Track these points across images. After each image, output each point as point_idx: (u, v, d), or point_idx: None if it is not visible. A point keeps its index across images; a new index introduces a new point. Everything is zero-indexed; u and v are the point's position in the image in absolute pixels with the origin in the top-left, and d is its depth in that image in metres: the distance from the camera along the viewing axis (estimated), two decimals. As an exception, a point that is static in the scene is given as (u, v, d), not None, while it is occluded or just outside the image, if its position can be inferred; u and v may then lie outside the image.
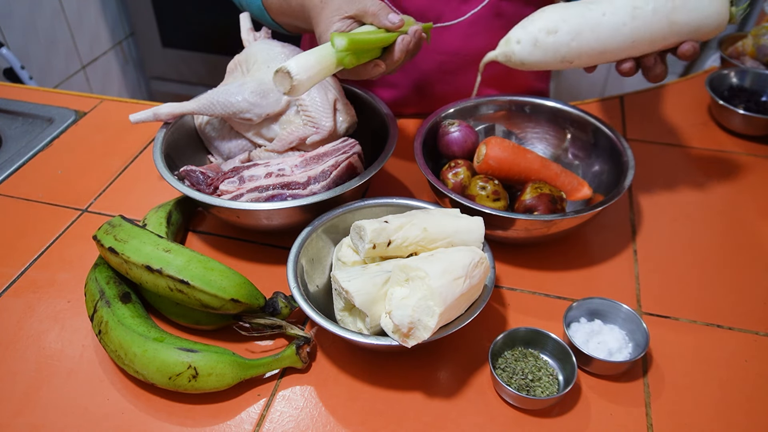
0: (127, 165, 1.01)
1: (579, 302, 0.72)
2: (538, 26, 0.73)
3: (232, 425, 0.65)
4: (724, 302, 0.77)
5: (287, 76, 0.68)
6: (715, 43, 1.36)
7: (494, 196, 0.81)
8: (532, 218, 0.74)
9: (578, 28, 0.71)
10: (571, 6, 0.73)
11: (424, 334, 0.61)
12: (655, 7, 0.69)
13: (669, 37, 0.71)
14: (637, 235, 0.87)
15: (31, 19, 1.93)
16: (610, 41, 0.71)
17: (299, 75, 0.67)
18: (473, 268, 0.63)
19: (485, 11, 0.96)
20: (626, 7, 0.70)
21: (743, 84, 1.12)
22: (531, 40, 0.73)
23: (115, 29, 2.32)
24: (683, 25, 0.70)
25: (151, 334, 0.67)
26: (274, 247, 0.85)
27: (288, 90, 0.68)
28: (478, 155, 0.85)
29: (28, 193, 0.96)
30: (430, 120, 0.90)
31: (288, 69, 0.67)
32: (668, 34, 0.71)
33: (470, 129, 0.89)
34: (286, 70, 0.68)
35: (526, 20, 0.75)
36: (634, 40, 0.71)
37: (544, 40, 0.72)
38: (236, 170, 0.83)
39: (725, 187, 0.96)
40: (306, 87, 0.69)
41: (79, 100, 1.17)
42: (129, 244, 0.70)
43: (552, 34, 0.71)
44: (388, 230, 0.67)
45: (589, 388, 0.68)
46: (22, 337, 0.74)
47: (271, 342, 0.73)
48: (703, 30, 0.71)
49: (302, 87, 0.68)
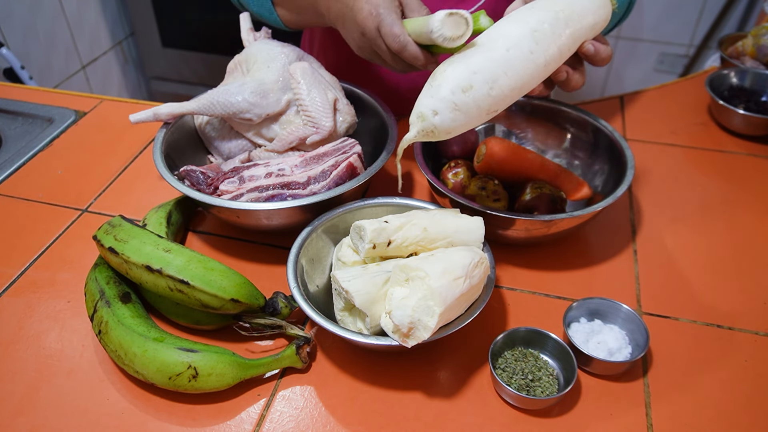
0: (127, 165, 1.02)
1: (579, 302, 0.72)
2: (450, 88, 0.63)
3: (232, 425, 0.65)
4: (724, 302, 0.77)
5: (464, 22, 0.64)
6: (715, 43, 1.36)
7: (494, 197, 0.81)
8: (532, 218, 0.74)
9: (492, 74, 0.63)
10: (469, 56, 0.64)
11: (424, 334, 0.61)
12: (551, 24, 0.66)
13: (572, 45, 0.69)
14: (637, 235, 0.87)
15: (31, 19, 1.93)
16: (526, 73, 0.65)
17: (485, 22, 0.65)
18: (473, 268, 0.63)
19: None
20: (525, 35, 0.65)
21: (743, 84, 1.12)
22: (449, 106, 0.63)
23: (115, 29, 2.32)
24: (579, 29, 0.68)
25: (151, 334, 0.67)
26: (274, 247, 0.85)
27: (460, 35, 0.64)
28: (478, 155, 0.85)
29: (28, 193, 0.96)
30: None
31: (466, 16, 0.64)
32: (571, 43, 0.68)
33: (470, 129, 0.89)
34: (465, 15, 0.63)
35: (430, 89, 0.65)
36: (546, 62, 0.66)
37: (463, 101, 0.63)
38: (236, 170, 0.83)
39: (725, 187, 0.96)
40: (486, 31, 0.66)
41: (79, 100, 1.17)
42: (129, 244, 0.70)
43: (468, 91, 0.63)
44: (388, 230, 0.67)
45: (589, 388, 0.68)
46: (22, 337, 0.74)
47: (271, 342, 0.73)
48: (596, 27, 0.71)
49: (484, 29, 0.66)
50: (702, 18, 2.28)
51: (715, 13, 2.24)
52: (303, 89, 0.84)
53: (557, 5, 0.67)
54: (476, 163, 0.85)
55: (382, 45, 0.73)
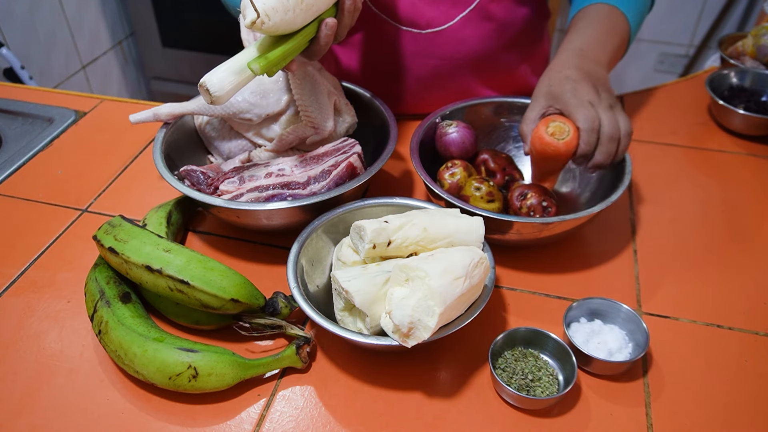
0: (127, 165, 1.02)
1: (579, 302, 0.72)
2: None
3: (232, 425, 0.65)
4: (724, 302, 0.77)
5: (207, 92, 0.69)
6: (715, 43, 1.36)
7: (488, 198, 0.81)
8: (528, 221, 0.74)
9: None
10: None
11: (424, 334, 0.61)
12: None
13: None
14: (637, 235, 0.87)
15: (31, 19, 1.93)
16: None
17: (218, 92, 0.69)
18: (473, 268, 0.63)
19: (475, 15, 0.96)
20: None
21: (743, 84, 1.12)
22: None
23: (115, 29, 2.32)
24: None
25: (151, 334, 0.67)
26: (274, 247, 0.85)
27: (210, 102, 0.70)
28: (561, 132, 0.77)
29: (28, 193, 0.96)
30: (428, 120, 0.90)
31: (207, 87, 0.69)
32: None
33: (468, 129, 0.89)
34: (205, 87, 0.69)
35: None
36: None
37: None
38: (236, 170, 0.83)
39: (725, 187, 0.96)
40: (227, 98, 0.71)
41: (79, 100, 1.17)
42: (129, 244, 0.70)
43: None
44: (388, 230, 0.67)
45: (589, 388, 0.68)
46: (22, 337, 0.74)
47: (271, 342, 0.73)
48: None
49: (223, 99, 0.70)
50: (702, 18, 2.29)
51: (715, 13, 2.24)
52: (303, 89, 0.84)
53: None
54: (557, 140, 0.76)
55: None
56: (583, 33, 0.86)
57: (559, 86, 0.78)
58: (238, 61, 0.71)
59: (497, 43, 1.00)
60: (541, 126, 0.78)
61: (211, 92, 0.69)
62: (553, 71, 0.81)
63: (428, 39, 0.98)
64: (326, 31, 0.74)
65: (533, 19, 1.02)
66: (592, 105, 0.76)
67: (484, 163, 0.89)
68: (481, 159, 0.89)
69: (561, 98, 0.78)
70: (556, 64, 0.82)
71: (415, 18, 0.97)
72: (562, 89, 0.78)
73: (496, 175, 0.88)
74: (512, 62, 1.05)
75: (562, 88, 0.78)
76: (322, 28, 0.74)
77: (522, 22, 1.00)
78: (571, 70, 0.79)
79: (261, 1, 0.67)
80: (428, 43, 0.98)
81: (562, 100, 0.77)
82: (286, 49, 0.71)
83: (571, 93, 0.77)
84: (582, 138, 0.75)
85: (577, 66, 0.80)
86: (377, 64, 1.04)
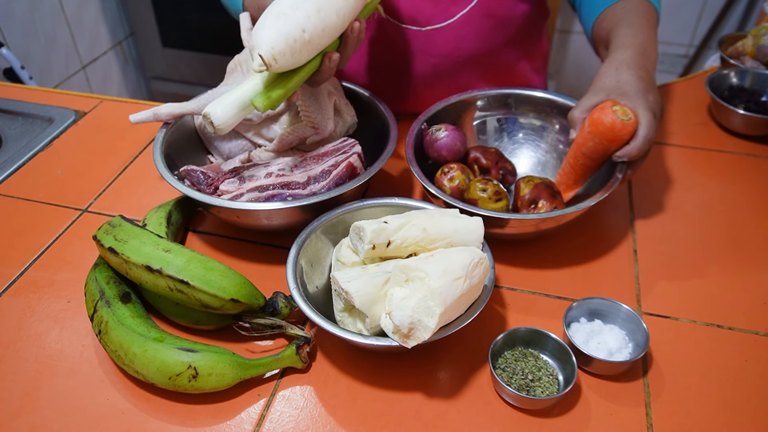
0: (127, 165, 1.02)
1: (579, 302, 0.72)
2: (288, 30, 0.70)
3: (232, 425, 0.65)
4: (724, 302, 0.77)
5: (211, 123, 0.72)
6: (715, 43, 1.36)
7: (496, 197, 0.81)
8: (536, 216, 0.74)
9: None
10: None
11: (424, 334, 0.61)
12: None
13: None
14: (637, 235, 0.87)
15: (31, 19, 1.93)
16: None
17: (221, 125, 0.72)
18: (473, 269, 0.63)
19: (475, 12, 0.96)
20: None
21: (743, 84, 1.12)
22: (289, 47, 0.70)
23: (115, 29, 2.32)
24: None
25: (151, 334, 0.67)
26: (274, 247, 0.85)
27: (213, 131, 0.73)
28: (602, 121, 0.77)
29: (28, 193, 0.96)
30: (415, 128, 0.88)
31: (211, 119, 0.72)
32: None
33: (457, 131, 0.88)
34: (210, 119, 0.72)
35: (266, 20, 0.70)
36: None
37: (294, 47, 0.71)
38: (236, 170, 0.83)
39: (725, 187, 0.96)
40: (229, 129, 0.74)
41: (79, 100, 1.17)
42: (129, 244, 0.70)
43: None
44: (388, 231, 0.67)
45: (589, 388, 0.68)
46: (22, 337, 0.74)
47: (271, 342, 0.73)
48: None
49: (225, 131, 0.73)
50: (702, 18, 2.29)
51: (715, 13, 2.24)
52: (303, 89, 0.84)
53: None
54: (625, 119, 0.76)
55: None
56: (639, 30, 0.85)
57: (628, 85, 0.78)
58: (242, 95, 0.73)
59: (497, 40, 1.00)
60: (606, 105, 0.77)
61: (215, 124, 0.72)
62: (623, 66, 0.80)
63: (428, 36, 0.98)
64: (329, 64, 0.76)
65: (533, 17, 1.02)
66: (654, 115, 0.77)
67: (476, 161, 0.89)
68: (472, 158, 0.89)
69: (630, 97, 0.78)
70: (625, 60, 0.81)
71: (416, 15, 0.97)
72: (633, 88, 0.78)
73: (491, 170, 0.88)
74: (512, 59, 1.05)
75: (633, 87, 0.78)
76: (326, 61, 0.76)
77: (521, 19, 1.00)
78: (641, 71, 0.80)
79: (269, 45, 0.68)
80: (428, 40, 0.99)
81: (632, 98, 0.77)
82: (289, 86, 0.73)
83: (643, 96, 0.78)
84: (637, 141, 0.76)
85: (643, 67, 0.81)
86: (377, 62, 1.04)
